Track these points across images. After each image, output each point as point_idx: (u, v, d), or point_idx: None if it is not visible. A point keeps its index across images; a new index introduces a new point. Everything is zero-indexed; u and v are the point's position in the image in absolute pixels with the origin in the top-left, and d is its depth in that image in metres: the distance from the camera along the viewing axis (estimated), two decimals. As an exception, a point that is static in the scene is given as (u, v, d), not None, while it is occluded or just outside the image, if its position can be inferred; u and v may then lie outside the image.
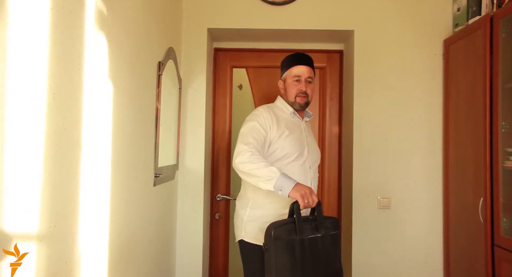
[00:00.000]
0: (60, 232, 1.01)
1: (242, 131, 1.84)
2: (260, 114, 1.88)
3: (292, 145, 1.86)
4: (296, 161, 1.86)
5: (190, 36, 2.43)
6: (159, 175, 1.90)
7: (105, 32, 1.25)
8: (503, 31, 1.82)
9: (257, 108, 1.96)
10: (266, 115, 1.87)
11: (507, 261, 1.75)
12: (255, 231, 1.82)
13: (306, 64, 1.94)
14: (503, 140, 1.83)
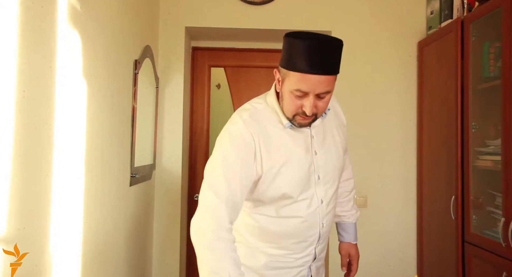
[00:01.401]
0: (29, 234, 0.98)
1: (212, 164, 1.18)
2: (238, 135, 1.17)
3: (287, 184, 1.21)
4: (301, 203, 1.23)
5: (168, 35, 2.40)
6: (135, 175, 1.88)
7: (78, 28, 1.23)
8: (473, 35, 1.88)
9: (233, 117, 1.23)
10: (247, 137, 1.17)
11: (476, 256, 1.81)
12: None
13: (326, 72, 1.10)
14: (473, 140, 1.89)
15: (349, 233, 1.52)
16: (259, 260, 1.27)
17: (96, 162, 1.40)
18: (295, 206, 1.23)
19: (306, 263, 1.30)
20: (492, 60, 1.84)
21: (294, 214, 1.23)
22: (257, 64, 2.74)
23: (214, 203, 1.11)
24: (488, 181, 1.87)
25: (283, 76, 1.16)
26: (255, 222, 1.25)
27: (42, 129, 1.03)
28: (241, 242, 1.26)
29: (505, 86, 1.63)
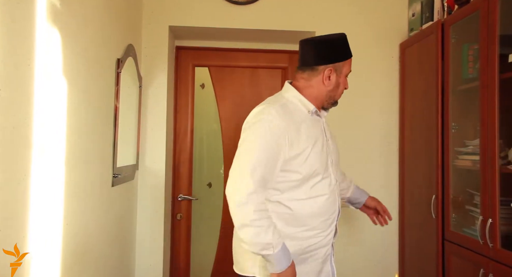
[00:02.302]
0: (7, 236, 0.96)
1: (247, 148, 1.36)
2: (273, 123, 1.35)
3: (317, 162, 1.43)
4: (324, 180, 1.45)
5: (151, 34, 2.38)
6: (117, 175, 1.85)
7: (58, 26, 1.21)
8: (453, 37, 1.92)
9: (264, 107, 1.41)
10: (282, 124, 1.36)
11: (455, 254, 1.85)
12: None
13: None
14: (453, 140, 1.93)
15: (361, 193, 1.81)
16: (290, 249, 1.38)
17: (77, 162, 1.38)
18: (321, 184, 1.44)
19: (330, 241, 1.51)
20: (471, 62, 1.88)
21: (320, 192, 1.43)
22: (241, 64, 2.74)
23: (250, 189, 1.29)
24: (467, 180, 1.91)
25: (339, 68, 1.47)
26: (288, 209, 1.41)
27: (20, 129, 1.00)
28: None
29: (482, 88, 1.67)
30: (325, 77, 1.47)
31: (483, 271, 1.64)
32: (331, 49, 1.47)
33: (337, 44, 1.48)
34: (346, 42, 1.50)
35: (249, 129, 1.39)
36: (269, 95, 2.71)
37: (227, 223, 2.70)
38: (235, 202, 1.32)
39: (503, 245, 1.58)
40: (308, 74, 1.49)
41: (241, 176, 1.32)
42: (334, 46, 1.47)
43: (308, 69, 1.49)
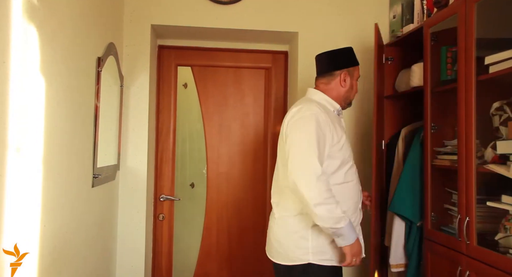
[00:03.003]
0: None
1: (304, 138, 1.56)
2: (318, 116, 1.60)
3: (348, 150, 1.71)
4: (352, 168, 1.72)
5: (133, 32, 2.35)
6: (98, 175, 1.82)
7: (35, 23, 1.18)
8: (432, 39, 1.96)
9: (303, 105, 1.64)
10: (324, 116, 1.61)
11: (434, 251, 1.89)
12: (328, 250, 1.61)
13: None
14: (432, 140, 1.97)
15: None
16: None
17: (55, 162, 1.36)
18: (351, 171, 1.70)
19: (358, 225, 1.74)
20: (449, 64, 1.92)
21: (350, 178, 1.69)
22: (225, 64, 2.74)
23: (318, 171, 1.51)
24: (445, 179, 1.95)
25: (351, 73, 1.78)
26: (338, 191, 1.60)
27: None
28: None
29: (460, 89, 1.71)
30: (342, 80, 1.76)
31: (461, 269, 1.67)
32: (344, 57, 1.79)
33: (348, 53, 1.81)
34: (353, 52, 1.83)
35: (299, 123, 1.60)
36: (252, 95, 2.74)
37: (210, 223, 2.69)
38: (308, 185, 1.50)
39: (479, 243, 1.62)
40: (327, 79, 1.78)
41: (308, 161, 1.52)
42: (346, 55, 1.80)
43: (327, 75, 1.78)
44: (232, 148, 2.73)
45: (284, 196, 1.69)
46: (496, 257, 1.51)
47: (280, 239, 1.68)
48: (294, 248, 1.63)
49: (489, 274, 1.53)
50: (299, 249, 1.61)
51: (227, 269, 2.69)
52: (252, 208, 2.73)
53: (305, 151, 1.54)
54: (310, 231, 1.62)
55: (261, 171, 2.74)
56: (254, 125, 2.75)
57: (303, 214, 1.62)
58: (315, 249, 1.60)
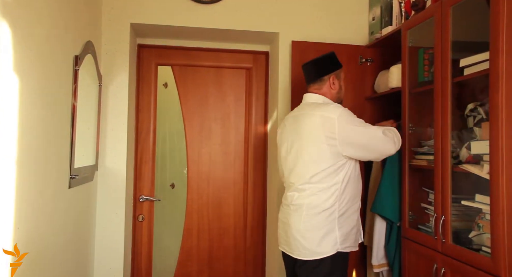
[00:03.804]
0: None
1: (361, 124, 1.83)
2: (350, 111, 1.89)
3: None
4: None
5: (111, 31, 2.31)
6: (75, 176, 1.79)
7: (8, 19, 1.15)
8: (409, 41, 1.99)
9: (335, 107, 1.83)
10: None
11: (411, 250, 1.93)
12: (349, 237, 1.84)
13: None
14: (409, 141, 2.00)
15: None
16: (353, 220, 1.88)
17: (30, 163, 1.32)
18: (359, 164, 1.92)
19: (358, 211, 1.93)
20: (426, 65, 1.96)
21: (359, 171, 1.91)
22: (205, 64, 2.72)
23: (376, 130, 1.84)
24: (422, 179, 1.99)
25: (338, 75, 1.96)
26: (352, 185, 1.85)
27: (-36, 128, 0.95)
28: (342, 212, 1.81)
29: (437, 90, 1.75)
30: (331, 83, 1.94)
31: (436, 266, 1.71)
32: (329, 62, 1.96)
33: (331, 58, 1.97)
34: (336, 56, 1.99)
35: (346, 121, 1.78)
36: (233, 95, 2.73)
37: (191, 224, 2.67)
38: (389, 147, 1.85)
39: (454, 241, 1.66)
40: (318, 84, 1.95)
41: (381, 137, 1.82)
42: (330, 60, 1.96)
43: (318, 81, 1.95)
44: (213, 148, 2.72)
45: (309, 194, 1.80)
46: (469, 254, 1.55)
47: (307, 236, 1.79)
48: (323, 242, 1.77)
49: (463, 271, 1.57)
50: (328, 242, 1.78)
51: (207, 271, 2.68)
52: (233, 209, 2.72)
53: (373, 133, 1.82)
54: (336, 222, 1.79)
55: (243, 172, 2.74)
56: (235, 125, 2.75)
57: (328, 209, 1.78)
58: (341, 238, 1.79)
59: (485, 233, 1.57)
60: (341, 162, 1.79)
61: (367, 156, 1.87)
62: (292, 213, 1.84)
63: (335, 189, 1.79)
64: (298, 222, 1.81)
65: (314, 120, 1.80)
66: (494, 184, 1.43)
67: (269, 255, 2.66)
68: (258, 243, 2.73)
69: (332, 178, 1.79)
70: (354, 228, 1.88)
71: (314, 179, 1.79)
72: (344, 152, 1.78)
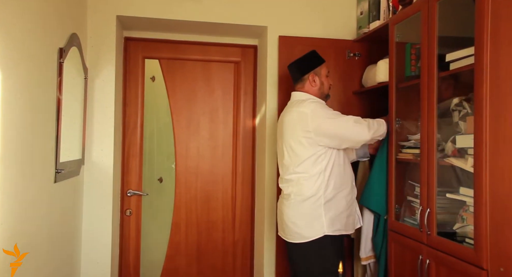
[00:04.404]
0: None
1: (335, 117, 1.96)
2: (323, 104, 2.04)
3: None
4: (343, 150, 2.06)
5: (97, 23, 2.27)
6: (61, 170, 1.77)
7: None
8: (397, 36, 2.01)
9: (310, 103, 1.98)
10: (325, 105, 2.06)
11: (397, 242, 1.96)
12: (337, 222, 1.96)
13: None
14: (396, 135, 2.03)
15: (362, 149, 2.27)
16: (341, 205, 1.98)
17: (14, 158, 1.30)
18: (344, 152, 2.04)
19: (355, 200, 2.08)
20: (413, 60, 1.97)
21: (346, 160, 2.05)
22: (193, 57, 2.70)
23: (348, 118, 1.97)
24: (409, 172, 2.02)
25: (318, 73, 2.07)
26: (338, 171, 1.98)
27: None
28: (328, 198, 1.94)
29: (423, 85, 1.77)
30: (311, 81, 2.07)
31: (421, 257, 1.74)
32: (308, 61, 2.09)
33: (310, 57, 2.09)
34: (316, 54, 2.10)
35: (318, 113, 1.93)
36: (221, 89, 2.72)
37: (179, 218, 2.67)
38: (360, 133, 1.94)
39: (439, 233, 1.69)
40: (301, 84, 2.10)
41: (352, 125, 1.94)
42: (309, 58, 2.09)
43: (299, 81, 2.09)
44: (201, 142, 2.71)
45: (295, 185, 1.97)
46: (453, 246, 1.59)
47: (296, 221, 1.96)
48: (310, 226, 1.93)
49: (447, 262, 1.61)
50: (315, 226, 1.92)
51: (196, 264, 2.68)
52: (222, 203, 2.73)
53: (346, 124, 1.94)
54: (322, 208, 1.93)
55: (231, 166, 2.74)
56: (224, 119, 2.74)
57: (313, 196, 1.93)
58: (327, 222, 1.93)
59: (468, 225, 1.60)
60: (321, 152, 1.94)
61: (342, 145, 1.98)
62: (284, 202, 2.03)
63: (319, 177, 1.94)
64: (288, 209, 1.99)
65: (292, 116, 1.98)
66: (477, 177, 1.45)
67: (257, 248, 2.67)
68: (247, 237, 2.75)
69: (315, 167, 1.94)
70: (344, 213, 1.98)
71: (298, 169, 1.96)
72: (320, 143, 1.93)
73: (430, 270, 1.69)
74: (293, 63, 2.12)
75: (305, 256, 1.97)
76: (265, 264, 2.47)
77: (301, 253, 1.98)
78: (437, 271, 1.66)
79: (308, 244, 1.94)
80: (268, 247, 2.48)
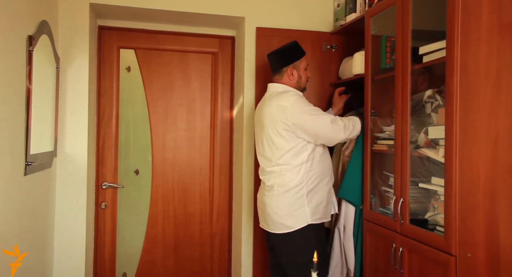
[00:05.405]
0: None
1: (314, 113, 1.97)
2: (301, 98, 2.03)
3: None
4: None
5: (69, 10, 2.20)
6: (31, 163, 1.71)
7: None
8: (372, 29, 2.03)
9: (290, 96, 1.98)
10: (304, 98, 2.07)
11: (372, 231, 2.00)
12: (319, 210, 2.00)
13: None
14: (372, 126, 2.06)
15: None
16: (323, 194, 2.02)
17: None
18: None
19: (332, 188, 2.12)
20: (388, 53, 2.00)
21: (325, 149, 2.08)
22: (170, 48, 2.66)
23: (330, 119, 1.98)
24: (383, 163, 2.06)
25: (297, 66, 2.08)
26: (319, 161, 2.02)
27: None
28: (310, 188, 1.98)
29: (397, 77, 1.79)
30: (289, 74, 2.07)
31: (395, 246, 1.79)
32: (289, 53, 2.08)
33: (291, 50, 2.08)
34: (297, 46, 2.10)
35: (298, 108, 1.94)
36: (199, 80, 2.70)
37: (156, 210, 2.64)
38: (337, 133, 1.97)
39: (411, 222, 1.73)
40: (279, 75, 2.10)
41: (329, 126, 1.95)
42: (289, 52, 2.08)
43: (278, 72, 2.09)
44: (179, 134, 2.68)
45: (278, 176, 1.99)
46: (425, 234, 1.63)
47: (279, 212, 1.98)
48: (293, 216, 1.96)
49: (419, 250, 1.65)
50: (299, 216, 1.95)
51: (173, 257, 2.67)
52: (199, 195, 2.71)
53: (323, 122, 1.95)
54: (305, 198, 1.96)
55: (208, 157, 2.72)
56: (201, 110, 2.72)
57: (296, 187, 1.96)
58: (310, 212, 1.96)
59: (439, 213, 1.65)
60: (302, 144, 1.96)
61: (318, 141, 2.00)
62: (266, 193, 2.04)
63: (301, 168, 1.96)
64: (271, 201, 2.00)
65: (272, 109, 1.98)
66: (448, 167, 1.50)
67: (235, 240, 2.68)
68: (224, 229, 2.75)
69: (297, 159, 1.96)
70: (324, 201, 2.03)
71: (280, 161, 1.98)
72: (298, 135, 1.95)
73: (403, 258, 1.73)
74: (274, 53, 2.10)
75: (290, 246, 1.98)
76: (243, 255, 2.49)
77: (286, 243, 1.99)
78: (409, 259, 1.71)
79: (292, 234, 1.96)
80: (246, 238, 2.49)
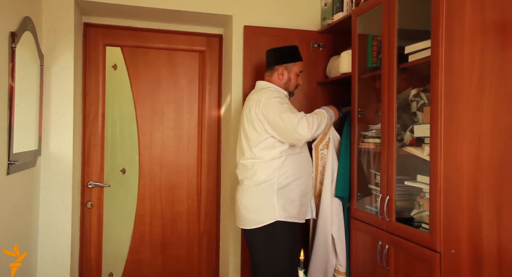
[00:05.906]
0: None
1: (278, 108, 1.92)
2: (279, 96, 2.00)
3: None
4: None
5: (53, 7, 2.17)
6: (14, 162, 1.68)
7: None
8: (359, 28, 2.04)
9: (266, 92, 2.00)
10: (283, 97, 2.04)
11: (359, 229, 2.01)
12: (289, 209, 1.97)
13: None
14: (359, 124, 2.07)
15: None
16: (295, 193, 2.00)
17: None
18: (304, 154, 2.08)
19: (312, 189, 2.14)
20: (375, 52, 2.02)
21: (304, 149, 2.08)
22: (157, 46, 2.64)
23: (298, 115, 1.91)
24: (370, 161, 2.07)
25: (289, 68, 2.10)
26: (293, 161, 2.00)
27: None
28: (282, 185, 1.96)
29: (384, 76, 1.81)
30: (280, 73, 2.09)
31: (381, 243, 1.80)
32: (286, 54, 2.10)
33: (288, 51, 2.11)
34: (296, 50, 2.12)
35: (270, 103, 1.94)
36: (186, 78, 2.68)
37: (143, 210, 2.62)
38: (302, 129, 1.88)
39: (397, 219, 1.75)
40: (270, 72, 2.12)
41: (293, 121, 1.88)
42: (286, 52, 2.11)
43: (270, 69, 2.12)
44: (166, 132, 2.66)
45: (249, 170, 1.99)
46: (411, 231, 1.65)
47: (248, 206, 1.98)
48: (262, 212, 1.95)
49: (405, 247, 1.67)
50: (267, 211, 1.94)
51: (161, 256, 2.65)
52: (187, 193, 2.70)
53: (288, 118, 1.89)
54: (275, 194, 1.95)
55: (196, 156, 2.71)
56: (189, 109, 2.70)
57: (266, 182, 1.95)
58: (279, 208, 1.94)
59: (424, 211, 1.67)
60: (273, 139, 1.96)
61: (284, 140, 1.96)
62: (238, 188, 2.06)
63: (273, 164, 1.96)
64: (241, 195, 2.02)
65: (249, 103, 2.02)
66: (433, 165, 1.52)
67: (223, 239, 2.67)
68: (212, 227, 2.74)
69: (268, 153, 1.97)
70: (297, 201, 2.00)
71: (252, 155, 1.99)
72: (268, 130, 1.95)
73: (390, 255, 1.75)
74: (273, 49, 2.13)
75: (259, 243, 1.97)
76: (230, 254, 2.48)
77: (254, 240, 1.98)
78: (396, 256, 1.73)
79: (260, 230, 1.95)
80: (233, 237, 2.48)
